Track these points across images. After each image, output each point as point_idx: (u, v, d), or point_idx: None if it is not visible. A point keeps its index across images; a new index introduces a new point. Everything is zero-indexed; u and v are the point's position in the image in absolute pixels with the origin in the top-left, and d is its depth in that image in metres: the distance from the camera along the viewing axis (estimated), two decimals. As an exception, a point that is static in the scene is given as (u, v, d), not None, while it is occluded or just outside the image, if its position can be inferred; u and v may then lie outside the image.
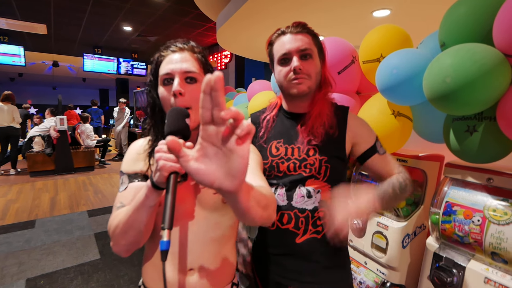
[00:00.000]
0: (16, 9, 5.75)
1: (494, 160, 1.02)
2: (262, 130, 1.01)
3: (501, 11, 0.86)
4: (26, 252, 2.88)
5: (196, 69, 0.75)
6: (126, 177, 0.78)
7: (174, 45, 0.78)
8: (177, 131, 0.62)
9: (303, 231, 0.92)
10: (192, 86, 0.74)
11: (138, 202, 0.65)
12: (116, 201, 0.76)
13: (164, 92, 0.75)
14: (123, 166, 0.81)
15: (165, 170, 0.59)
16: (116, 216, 0.71)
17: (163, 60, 0.76)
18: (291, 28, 0.91)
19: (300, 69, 0.88)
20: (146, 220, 0.67)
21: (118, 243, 0.71)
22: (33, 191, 5.03)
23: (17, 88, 14.23)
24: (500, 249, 0.98)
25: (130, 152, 0.83)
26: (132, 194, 0.74)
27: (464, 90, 0.88)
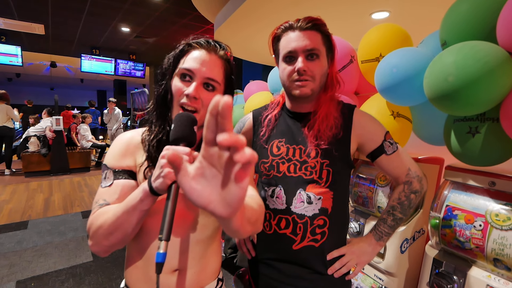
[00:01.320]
0: (13, 9, 5.72)
1: (497, 163, 0.98)
2: (264, 129, 0.98)
3: (506, 7, 0.83)
4: (17, 254, 2.82)
5: (218, 79, 0.72)
6: (111, 173, 0.73)
7: (207, 42, 0.73)
8: (183, 138, 0.61)
9: (301, 238, 0.89)
10: (208, 93, 0.71)
11: (130, 205, 0.62)
12: (98, 198, 0.71)
13: (177, 86, 0.71)
14: (109, 160, 0.75)
15: (169, 178, 0.56)
16: (100, 215, 0.67)
17: (189, 52, 0.72)
18: (300, 23, 0.85)
19: (305, 70, 0.84)
20: (136, 223, 0.64)
21: (99, 243, 0.67)
22: (27, 191, 4.96)
23: (14, 88, 14.16)
24: (503, 256, 0.94)
25: (117, 145, 0.77)
26: (118, 192, 0.70)
27: (466, 89, 0.84)
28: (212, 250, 0.81)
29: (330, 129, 0.88)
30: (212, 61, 0.71)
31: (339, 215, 0.93)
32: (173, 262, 0.73)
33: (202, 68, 0.70)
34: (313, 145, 0.88)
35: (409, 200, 0.93)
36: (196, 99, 0.69)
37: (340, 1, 2.85)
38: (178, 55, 0.73)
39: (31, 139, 6.18)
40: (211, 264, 0.81)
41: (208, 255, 0.80)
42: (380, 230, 0.95)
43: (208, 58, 0.71)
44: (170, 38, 7.64)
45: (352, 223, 1.55)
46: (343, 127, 0.90)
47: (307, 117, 0.93)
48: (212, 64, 0.71)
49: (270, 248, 0.94)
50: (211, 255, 0.81)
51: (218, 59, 0.73)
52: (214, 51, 0.73)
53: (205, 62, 0.70)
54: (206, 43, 0.73)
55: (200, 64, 0.70)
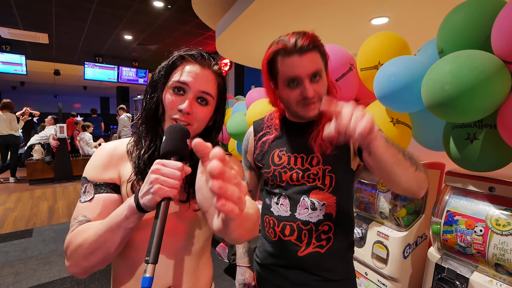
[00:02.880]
0: (18, 19, 5.81)
1: (495, 168, 0.99)
2: (262, 140, 0.99)
3: (499, 17, 0.85)
4: (22, 262, 2.84)
5: (212, 93, 0.71)
6: (91, 186, 0.68)
7: (201, 56, 0.72)
8: (175, 152, 0.59)
9: (306, 244, 0.89)
10: (201, 107, 0.70)
11: (114, 222, 0.58)
12: (77, 214, 0.66)
13: (170, 99, 0.69)
14: (89, 172, 0.70)
15: (159, 195, 0.54)
16: (80, 233, 0.62)
17: (182, 65, 0.71)
18: (300, 45, 0.79)
19: (313, 95, 0.82)
20: (119, 242, 0.60)
21: (78, 264, 0.62)
22: (32, 199, 5.00)
23: (18, 96, 14.31)
24: (504, 261, 0.95)
25: (99, 156, 0.72)
26: (99, 208, 0.66)
27: (463, 97, 0.86)
28: (203, 262, 0.80)
29: None
30: (206, 75, 0.70)
31: (344, 220, 0.93)
32: (166, 279, 0.70)
33: (196, 82, 0.69)
34: (315, 153, 0.89)
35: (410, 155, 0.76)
36: (189, 114, 0.67)
37: (340, 7, 2.88)
38: (170, 67, 0.71)
39: (35, 147, 6.24)
40: (204, 276, 0.80)
41: (200, 268, 0.78)
42: None
43: (202, 72, 0.70)
44: (172, 45, 7.67)
45: (355, 228, 1.56)
46: None
47: (310, 126, 0.93)
48: (206, 78, 0.70)
49: (275, 255, 0.94)
50: (203, 267, 0.80)
51: (212, 74, 0.72)
52: (208, 66, 0.72)
53: (199, 76, 0.69)
54: (200, 56, 0.72)
55: (194, 78, 0.69)
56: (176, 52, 0.73)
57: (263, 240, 1.01)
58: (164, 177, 0.55)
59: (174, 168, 0.57)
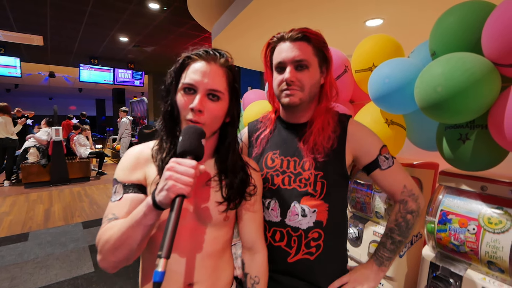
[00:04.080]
0: (13, 21, 5.78)
1: (487, 168, 1.02)
2: (258, 141, 0.98)
3: (489, 21, 0.87)
4: (18, 266, 2.82)
5: (221, 88, 0.71)
6: (121, 187, 0.73)
7: (206, 52, 0.72)
8: (191, 151, 0.61)
9: (296, 251, 0.88)
10: (213, 103, 0.70)
11: (134, 220, 0.61)
12: (108, 212, 0.71)
13: (182, 101, 0.70)
14: (118, 174, 0.75)
15: (172, 192, 0.56)
16: (108, 230, 0.66)
17: (189, 64, 0.71)
18: (291, 33, 0.86)
19: (292, 81, 0.85)
20: (140, 239, 0.63)
21: (106, 259, 0.66)
22: (27, 202, 4.95)
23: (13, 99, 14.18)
24: (496, 258, 0.97)
25: (127, 159, 0.76)
26: (127, 206, 0.70)
27: (455, 99, 0.88)
28: (224, 262, 0.82)
29: (325, 141, 0.88)
30: (213, 71, 0.70)
31: (335, 227, 0.92)
32: (186, 276, 0.73)
33: (203, 80, 0.68)
34: (308, 157, 0.88)
35: (406, 221, 0.90)
36: (201, 112, 0.68)
37: (335, 9, 2.91)
38: (179, 69, 0.72)
39: (31, 150, 6.19)
40: (224, 276, 0.81)
41: (220, 268, 0.80)
42: (380, 254, 0.92)
43: (209, 68, 0.70)
44: (168, 47, 7.71)
45: (351, 228, 1.57)
46: (338, 139, 0.89)
47: (302, 128, 0.93)
48: (214, 74, 0.70)
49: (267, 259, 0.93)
50: (224, 267, 0.81)
51: (219, 68, 0.71)
52: (214, 60, 0.71)
53: (206, 73, 0.69)
54: (205, 53, 0.72)
55: (201, 76, 0.69)
56: (183, 54, 0.74)
57: None
58: (178, 174, 0.57)
59: (188, 166, 0.58)
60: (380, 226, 1.48)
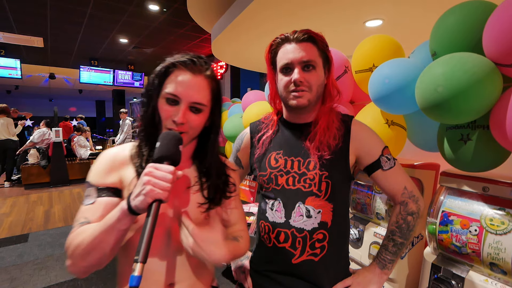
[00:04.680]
0: (13, 23, 5.78)
1: (489, 168, 1.01)
2: (261, 142, 0.97)
3: (490, 20, 0.86)
4: (18, 267, 2.81)
5: (205, 101, 0.71)
6: (94, 190, 0.71)
7: (192, 62, 0.70)
8: (168, 157, 0.61)
9: (300, 252, 0.88)
10: (195, 115, 0.70)
11: (108, 224, 0.60)
12: (79, 216, 0.69)
13: (164, 110, 0.69)
14: (93, 177, 0.73)
15: (150, 197, 0.56)
16: (79, 234, 0.64)
17: (173, 72, 0.70)
18: (297, 35, 0.86)
19: (301, 81, 0.84)
20: (113, 243, 0.62)
21: (77, 264, 0.64)
22: (27, 204, 4.95)
23: (13, 100, 14.19)
24: (499, 260, 0.96)
25: (101, 161, 0.74)
26: (101, 210, 0.68)
27: (456, 99, 0.88)
28: None
29: (331, 139, 0.88)
30: (198, 83, 0.69)
31: (339, 228, 0.92)
32: (167, 277, 0.73)
33: (188, 92, 0.68)
34: (312, 156, 0.88)
35: (406, 222, 0.90)
36: (183, 124, 0.68)
37: (334, 9, 2.90)
38: (163, 76, 0.71)
39: (31, 151, 6.20)
40: (205, 274, 0.82)
41: (201, 266, 0.79)
42: (383, 257, 0.92)
43: (194, 81, 0.69)
44: (168, 48, 7.71)
45: (352, 229, 1.56)
46: (342, 138, 0.89)
47: (307, 128, 0.92)
48: (198, 86, 0.69)
49: (270, 261, 0.93)
50: (204, 265, 0.81)
51: (204, 80, 0.71)
52: (200, 72, 0.71)
53: (191, 85, 0.68)
54: (191, 62, 0.70)
55: (185, 88, 0.68)
56: (168, 59, 0.72)
57: (258, 246, 1.00)
58: (156, 179, 0.57)
59: (166, 172, 0.59)
60: (380, 227, 1.47)
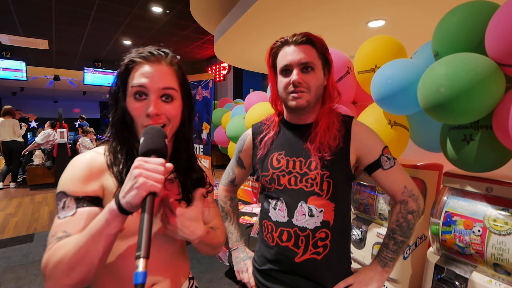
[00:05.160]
0: (19, 26, 5.85)
1: (492, 169, 1.01)
2: (262, 143, 0.99)
3: (493, 20, 0.86)
4: (24, 267, 2.84)
5: (174, 86, 0.68)
6: (72, 200, 0.63)
7: (149, 53, 0.68)
8: (155, 150, 0.58)
9: (303, 251, 0.89)
10: (168, 104, 0.67)
11: (94, 230, 0.55)
12: (56, 230, 0.61)
13: (134, 108, 0.66)
14: (67, 186, 0.65)
15: (144, 189, 0.53)
16: (59, 249, 0.57)
17: (134, 68, 0.67)
18: (295, 37, 0.88)
19: (300, 82, 0.86)
20: (102, 252, 0.56)
21: (59, 283, 0.56)
22: (33, 204, 5.00)
23: (18, 102, 14.35)
24: (502, 260, 0.96)
25: (78, 168, 0.67)
26: (83, 222, 0.61)
27: (458, 100, 0.88)
28: (182, 257, 0.82)
29: (331, 140, 0.89)
30: (161, 71, 0.67)
31: (341, 227, 0.93)
32: (150, 278, 0.71)
33: (153, 80, 0.65)
34: (313, 157, 0.89)
35: (407, 221, 0.92)
36: (158, 115, 0.65)
37: (337, 10, 2.90)
38: (124, 74, 0.68)
39: (36, 152, 6.26)
40: (183, 267, 0.82)
41: (179, 260, 0.80)
42: (384, 256, 0.93)
43: (157, 69, 0.67)
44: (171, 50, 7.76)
45: (354, 230, 1.56)
46: (343, 139, 0.91)
47: (307, 129, 0.94)
48: (162, 73, 0.67)
49: (273, 260, 0.94)
50: (182, 259, 0.82)
51: (167, 67, 0.69)
52: (159, 61, 0.68)
53: (154, 74, 0.66)
54: (150, 54, 0.68)
55: (150, 77, 0.65)
56: (126, 57, 0.69)
57: (261, 245, 1.00)
58: (148, 171, 0.54)
59: (156, 164, 0.56)
60: (383, 228, 1.47)
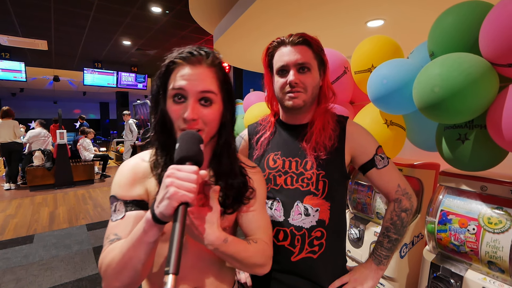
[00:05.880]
0: (17, 26, 5.85)
1: (487, 168, 1.01)
2: (259, 144, 1.00)
3: (486, 20, 0.87)
4: (24, 268, 2.85)
5: (214, 89, 0.66)
6: (121, 204, 0.67)
7: (189, 53, 0.66)
8: (190, 157, 0.56)
9: (299, 250, 0.90)
10: (206, 109, 0.65)
11: (134, 239, 0.57)
12: (109, 233, 0.65)
13: (173, 110, 0.65)
14: (117, 191, 0.68)
15: (175, 200, 0.51)
16: (109, 252, 0.61)
17: (175, 70, 0.66)
18: (292, 38, 0.89)
19: (296, 83, 0.87)
20: (144, 259, 0.58)
21: (110, 284, 0.60)
22: (33, 205, 5.01)
23: (18, 103, 14.37)
24: (496, 258, 0.97)
25: (124, 174, 0.70)
26: (131, 225, 0.64)
27: (452, 99, 0.89)
28: (226, 266, 0.80)
29: (327, 139, 0.90)
30: (201, 73, 0.65)
31: (336, 226, 0.94)
32: (192, 281, 0.73)
33: (192, 83, 0.64)
34: (309, 156, 0.90)
35: (400, 219, 0.93)
36: (195, 120, 0.63)
37: (336, 10, 2.91)
38: (164, 76, 0.67)
39: (36, 153, 6.26)
40: (228, 277, 0.81)
41: (224, 270, 0.79)
42: (379, 253, 0.95)
43: (196, 71, 0.65)
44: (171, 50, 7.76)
45: (352, 229, 1.57)
46: (338, 138, 0.92)
47: (303, 129, 0.95)
48: (202, 75, 0.65)
49: None
50: (226, 270, 0.80)
51: (207, 68, 0.66)
52: (200, 62, 0.66)
53: (194, 76, 0.64)
54: (190, 55, 0.66)
55: (189, 80, 0.64)
56: (167, 57, 0.68)
57: None
58: (180, 180, 0.52)
59: (189, 172, 0.54)
60: (381, 227, 1.48)
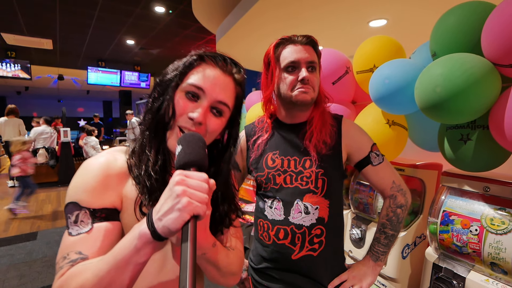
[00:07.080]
0: (23, 26, 5.90)
1: (489, 168, 1.01)
2: (256, 145, 1.00)
3: (489, 21, 0.87)
4: (27, 264, 2.87)
5: (229, 103, 0.62)
6: (86, 214, 0.54)
7: (223, 60, 0.62)
8: (196, 162, 0.49)
9: (300, 248, 0.91)
10: (214, 118, 0.61)
11: (119, 258, 0.46)
12: (68, 251, 0.52)
13: (181, 105, 0.58)
14: (80, 196, 0.55)
15: (188, 212, 0.43)
16: (75, 277, 0.48)
17: (201, 66, 0.61)
18: (301, 38, 0.91)
19: (309, 79, 0.88)
20: (128, 282, 0.48)
21: None
22: (36, 202, 5.04)
23: (23, 101, 14.48)
24: (499, 259, 0.96)
25: (93, 175, 0.56)
26: (100, 240, 0.53)
27: (454, 99, 0.88)
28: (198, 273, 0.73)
29: (326, 137, 0.91)
30: (226, 83, 0.61)
31: (335, 224, 0.96)
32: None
33: (214, 88, 0.59)
34: (307, 155, 0.91)
35: (396, 215, 0.95)
36: (201, 124, 0.58)
37: (338, 10, 2.91)
38: (187, 67, 0.60)
39: (40, 151, 6.31)
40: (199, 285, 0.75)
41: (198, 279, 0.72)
42: (376, 250, 0.97)
43: (223, 79, 0.61)
44: (174, 49, 7.78)
45: (354, 229, 1.57)
46: (334, 137, 0.93)
47: (302, 127, 0.95)
48: (226, 86, 0.61)
49: (269, 258, 0.96)
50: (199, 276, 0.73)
51: (232, 82, 0.63)
52: (230, 72, 0.62)
53: (218, 82, 0.60)
54: (223, 60, 0.62)
55: (212, 83, 0.59)
56: (194, 52, 0.63)
57: (257, 244, 1.02)
58: (192, 189, 0.45)
59: (200, 180, 0.46)
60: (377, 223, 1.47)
